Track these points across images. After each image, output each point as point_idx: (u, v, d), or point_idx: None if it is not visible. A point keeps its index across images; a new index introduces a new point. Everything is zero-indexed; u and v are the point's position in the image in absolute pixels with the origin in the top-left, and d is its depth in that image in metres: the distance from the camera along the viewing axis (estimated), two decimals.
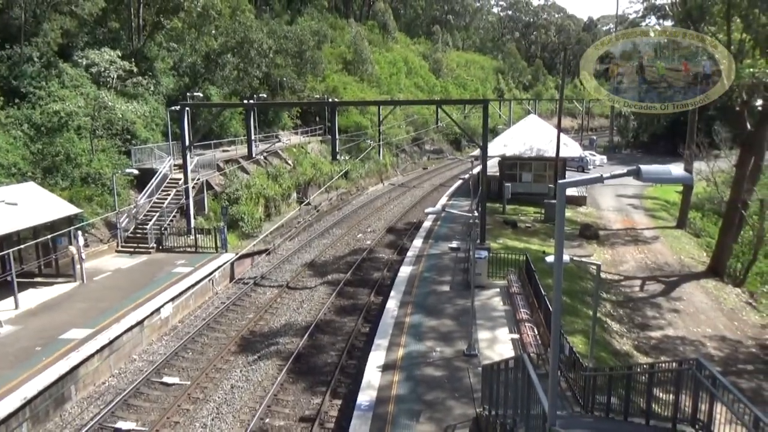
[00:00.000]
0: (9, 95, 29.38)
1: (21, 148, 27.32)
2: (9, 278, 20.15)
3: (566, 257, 14.03)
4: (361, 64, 69.76)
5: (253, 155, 39.56)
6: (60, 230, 22.55)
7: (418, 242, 30.87)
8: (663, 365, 11.81)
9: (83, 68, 33.35)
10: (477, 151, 36.99)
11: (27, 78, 30.37)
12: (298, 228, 37.29)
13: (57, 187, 26.88)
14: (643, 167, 6.27)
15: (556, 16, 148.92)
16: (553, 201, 31.27)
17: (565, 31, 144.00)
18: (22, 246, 21.59)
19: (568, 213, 35.38)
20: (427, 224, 35.01)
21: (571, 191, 38.14)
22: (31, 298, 21.38)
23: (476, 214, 21.89)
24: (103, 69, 33.20)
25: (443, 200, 43.30)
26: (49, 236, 22.38)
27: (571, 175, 43.48)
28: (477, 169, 36.01)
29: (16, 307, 20.23)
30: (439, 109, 33.13)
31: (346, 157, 50.03)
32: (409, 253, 28.70)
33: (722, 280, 28.96)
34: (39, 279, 23.41)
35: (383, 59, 79.75)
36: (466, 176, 45.12)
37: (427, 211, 19.77)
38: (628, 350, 20.52)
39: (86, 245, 24.55)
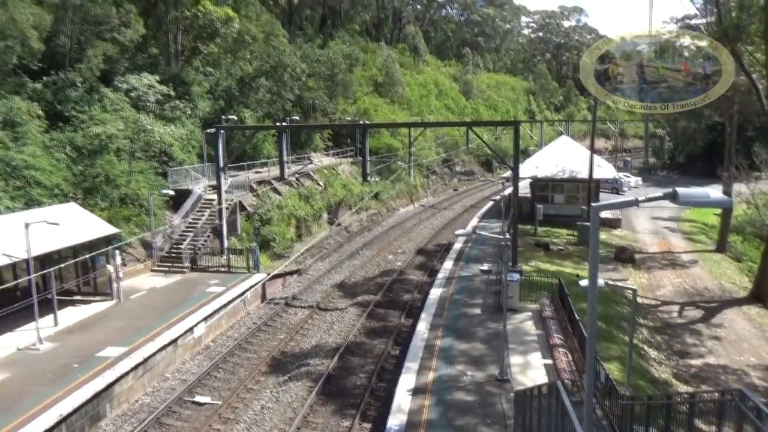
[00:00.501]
0: (53, 119, 30.57)
1: (63, 170, 28.30)
2: (49, 296, 20.76)
3: (601, 281, 13.75)
4: (391, 86, 70.48)
5: (285, 176, 40.02)
6: (99, 249, 23.17)
7: (448, 264, 30.68)
8: (704, 395, 11.45)
9: (123, 92, 34.55)
10: (508, 173, 36.77)
11: (70, 102, 31.56)
12: (329, 249, 37.50)
13: (97, 207, 27.72)
14: (680, 190, 6.10)
15: (588, 37, 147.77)
16: (587, 223, 30.78)
17: None
18: (62, 265, 22.23)
19: (603, 235, 34.74)
20: (457, 246, 34.79)
21: (605, 213, 37.46)
22: (69, 315, 21.95)
23: (508, 236, 21.67)
24: (142, 93, 34.37)
25: (474, 222, 43.02)
26: (88, 255, 23.00)
27: (605, 197, 42.80)
28: (508, 191, 35.78)
29: (56, 324, 20.79)
30: (470, 131, 33.07)
31: (377, 179, 50.27)
32: (440, 275, 28.53)
33: (765, 306, 27.89)
34: (78, 297, 24.04)
35: (414, 81, 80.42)
36: (497, 198, 44.83)
37: (457, 233, 19.66)
38: (666, 378, 19.86)
39: (123, 264, 25.14)
